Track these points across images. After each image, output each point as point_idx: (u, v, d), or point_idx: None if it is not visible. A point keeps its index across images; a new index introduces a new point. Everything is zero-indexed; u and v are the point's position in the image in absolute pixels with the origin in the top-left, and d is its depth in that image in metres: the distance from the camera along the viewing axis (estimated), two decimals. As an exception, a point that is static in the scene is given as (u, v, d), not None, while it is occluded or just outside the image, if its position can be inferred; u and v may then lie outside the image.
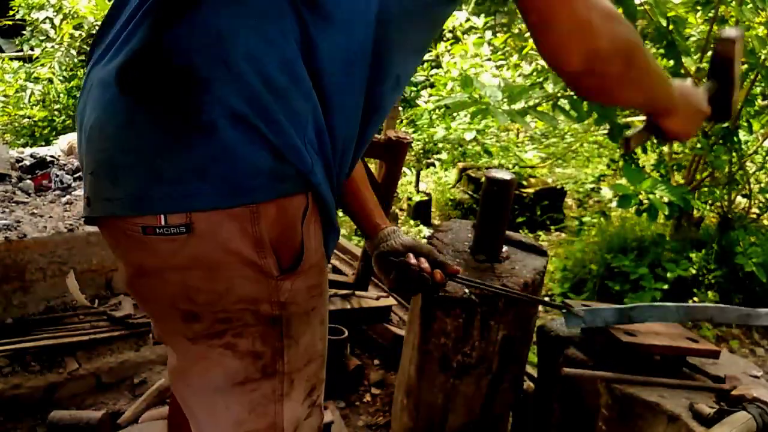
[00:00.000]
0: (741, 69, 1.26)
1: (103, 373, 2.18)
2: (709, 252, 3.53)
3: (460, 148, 5.21)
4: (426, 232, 4.81)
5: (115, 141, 0.82)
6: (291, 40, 0.81)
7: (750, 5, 2.80)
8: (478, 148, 5.09)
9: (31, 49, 5.78)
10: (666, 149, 3.67)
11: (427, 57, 5.21)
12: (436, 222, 5.31)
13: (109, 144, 0.83)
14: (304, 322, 0.94)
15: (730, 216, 3.72)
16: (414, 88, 6.21)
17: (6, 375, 2.05)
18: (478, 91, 2.53)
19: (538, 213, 5.16)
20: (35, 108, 5.39)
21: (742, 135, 3.51)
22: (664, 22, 2.68)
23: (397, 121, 5.33)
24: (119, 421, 2.01)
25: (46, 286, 2.30)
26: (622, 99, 1.03)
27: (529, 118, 2.52)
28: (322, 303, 0.98)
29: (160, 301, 0.90)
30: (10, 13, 5.65)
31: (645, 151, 3.54)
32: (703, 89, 1.16)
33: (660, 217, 2.92)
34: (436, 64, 5.39)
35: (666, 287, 3.32)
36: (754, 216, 3.92)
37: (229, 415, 0.94)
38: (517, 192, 4.72)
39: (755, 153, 3.88)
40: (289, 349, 0.93)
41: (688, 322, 1.48)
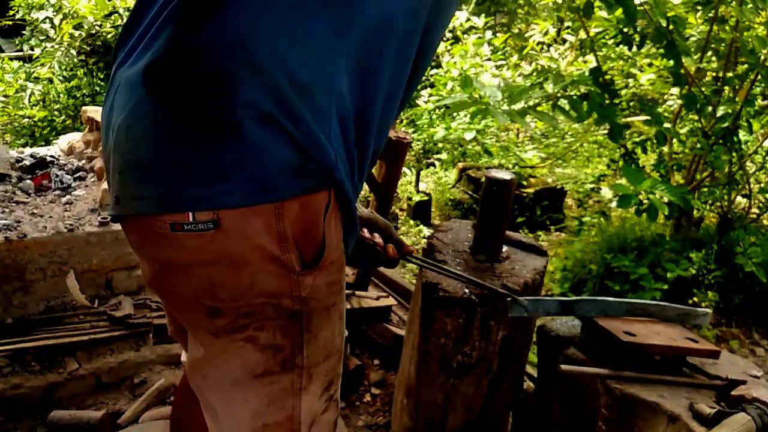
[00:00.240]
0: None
1: (103, 373, 2.18)
2: (709, 252, 3.53)
3: (460, 148, 5.21)
4: (426, 232, 4.81)
5: (144, 142, 0.83)
6: (317, 38, 0.83)
7: (750, 5, 2.81)
8: (478, 148, 5.09)
9: (31, 49, 5.78)
10: (666, 149, 3.67)
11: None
12: (436, 222, 5.31)
13: (137, 145, 0.84)
14: (324, 317, 0.96)
15: (730, 216, 3.72)
16: (414, 88, 6.20)
17: (6, 375, 2.05)
18: (478, 91, 2.53)
19: (538, 213, 5.16)
20: (35, 108, 5.39)
21: (742, 135, 3.52)
22: (664, 22, 2.68)
23: (397, 121, 5.33)
24: (119, 421, 2.01)
25: (46, 286, 2.31)
26: None
27: (529, 118, 2.52)
28: (341, 299, 1.00)
29: (185, 296, 0.91)
30: (10, 13, 5.65)
31: (645, 151, 3.54)
32: None
33: (660, 217, 2.92)
34: (436, 64, 5.39)
35: (666, 287, 3.32)
36: (754, 216, 3.92)
37: (247, 407, 0.95)
38: (517, 192, 4.72)
39: (755, 153, 3.88)
40: (309, 344, 0.94)
41: (629, 316, 1.51)
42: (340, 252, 0.96)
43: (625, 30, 2.94)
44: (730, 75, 3.23)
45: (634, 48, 2.99)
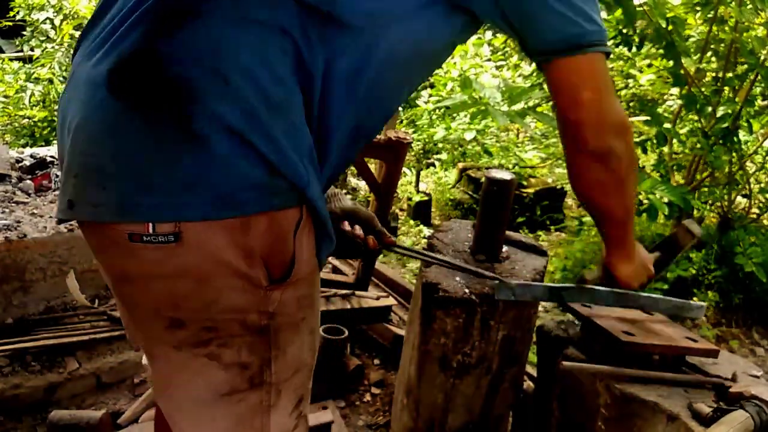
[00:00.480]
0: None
1: (103, 373, 2.18)
2: (709, 252, 3.53)
3: (460, 148, 5.21)
4: (426, 232, 4.81)
5: (103, 146, 0.80)
6: (291, 56, 0.81)
7: (749, 6, 2.81)
8: (478, 148, 5.09)
9: (31, 49, 5.77)
10: (666, 149, 3.67)
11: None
12: (436, 222, 5.31)
13: (97, 149, 0.81)
14: (293, 332, 0.93)
15: (730, 216, 3.72)
16: (414, 89, 6.20)
17: (6, 375, 2.05)
18: (478, 92, 2.53)
19: (538, 213, 5.16)
20: (35, 108, 5.39)
21: (742, 135, 3.52)
22: (664, 23, 2.68)
23: (397, 121, 5.33)
24: (119, 421, 2.01)
25: (46, 286, 2.31)
26: (612, 203, 1.09)
27: (528, 119, 2.51)
28: (312, 313, 0.97)
29: (143, 307, 0.89)
30: (11, 13, 5.65)
31: (645, 151, 3.54)
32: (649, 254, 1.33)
33: (660, 217, 2.92)
34: (436, 64, 5.39)
35: (666, 287, 3.32)
36: (754, 216, 3.92)
37: (215, 426, 0.93)
38: (517, 192, 4.72)
39: (755, 153, 3.88)
40: (277, 360, 0.92)
41: (620, 307, 1.52)
42: (312, 267, 0.94)
43: (624, 30, 2.94)
44: (730, 75, 3.23)
45: (634, 48, 2.99)
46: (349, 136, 0.92)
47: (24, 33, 5.80)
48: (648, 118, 3.09)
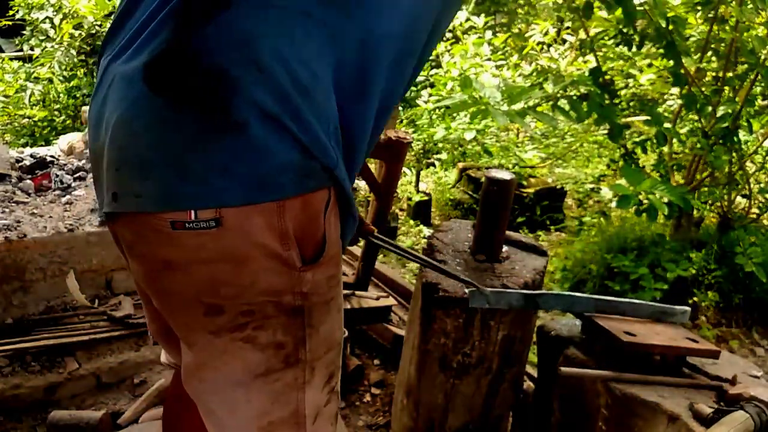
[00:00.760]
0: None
1: (103, 373, 2.18)
2: (709, 252, 3.52)
3: (460, 148, 5.21)
4: (426, 232, 4.81)
5: (144, 139, 0.83)
6: (315, 39, 0.83)
7: (750, 5, 2.81)
8: (478, 148, 5.09)
9: (31, 49, 5.77)
10: (666, 149, 3.67)
11: (427, 57, 5.20)
12: (436, 222, 5.30)
13: (138, 141, 0.83)
14: (324, 311, 0.97)
15: (730, 216, 3.72)
16: (414, 88, 6.20)
17: (6, 375, 2.06)
18: (478, 92, 2.53)
19: (538, 213, 5.15)
20: (35, 108, 5.39)
21: (742, 135, 3.51)
22: (664, 23, 2.68)
23: (397, 121, 5.32)
24: (119, 421, 2.01)
25: (46, 286, 2.31)
26: None
27: (528, 119, 2.51)
28: (339, 292, 1.01)
29: (183, 295, 0.91)
30: (10, 13, 5.64)
31: (645, 151, 3.53)
32: None
33: (660, 217, 2.91)
34: (436, 64, 5.39)
35: (666, 287, 3.32)
36: (754, 216, 3.92)
37: (251, 407, 0.96)
38: (517, 192, 4.72)
39: (755, 153, 3.88)
40: (311, 338, 0.95)
41: (599, 313, 1.50)
42: (338, 247, 0.97)
43: (624, 30, 2.94)
44: (730, 75, 3.23)
45: (634, 48, 2.99)
46: (379, 109, 0.94)
47: (24, 32, 5.79)
48: (648, 118, 3.09)
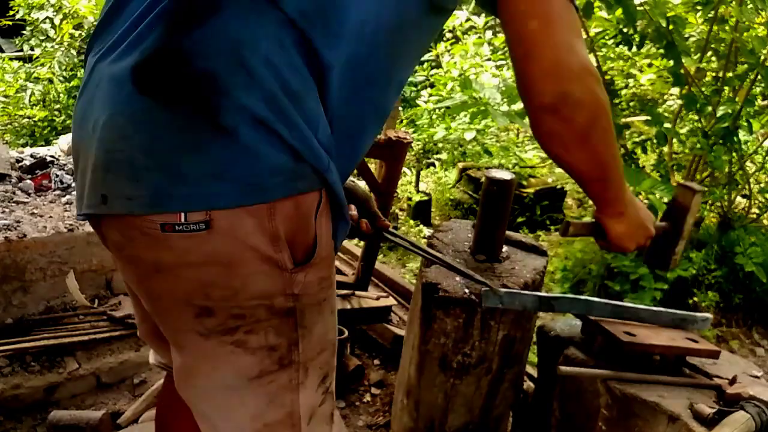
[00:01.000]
0: (692, 223, 1.28)
1: (103, 373, 2.18)
2: (709, 252, 3.52)
3: (460, 148, 5.21)
4: (426, 232, 4.81)
5: (133, 140, 0.83)
6: (303, 47, 0.84)
7: (750, 5, 2.81)
8: (478, 148, 5.09)
9: (31, 49, 5.78)
10: (666, 149, 3.67)
11: (427, 57, 5.21)
12: (436, 222, 5.30)
13: (128, 143, 0.83)
14: (317, 312, 0.97)
15: (730, 216, 3.72)
16: (414, 88, 6.21)
17: (6, 375, 2.05)
18: (478, 92, 2.53)
19: (538, 213, 5.15)
20: (35, 108, 5.39)
21: (742, 135, 3.51)
22: (664, 23, 2.68)
23: (397, 121, 5.33)
24: (119, 421, 2.01)
25: (46, 286, 2.30)
26: (576, 157, 0.96)
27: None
28: (331, 294, 1.01)
29: (173, 297, 0.91)
30: (10, 13, 5.65)
31: (645, 151, 3.54)
32: (653, 217, 1.18)
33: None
34: (436, 64, 5.39)
35: (666, 287, 3.32)
36: (754, 216, 3.92)
37: (246, 410, 0.96)
38: (517, 192, 4.72)
39: (755, 153, 3.88)
40: (304, 339, 0.95)
41: (616, 319, 1.48)
42: (330, 248, 0.97)
43: (624, 30, 2.94)
44: (730, 75, 3.23)
45: (634, 48, 2.99)
46: (367, 118, 0.94)
47: (24, 32, 5.80)
48: (648, 118, 3.09)
